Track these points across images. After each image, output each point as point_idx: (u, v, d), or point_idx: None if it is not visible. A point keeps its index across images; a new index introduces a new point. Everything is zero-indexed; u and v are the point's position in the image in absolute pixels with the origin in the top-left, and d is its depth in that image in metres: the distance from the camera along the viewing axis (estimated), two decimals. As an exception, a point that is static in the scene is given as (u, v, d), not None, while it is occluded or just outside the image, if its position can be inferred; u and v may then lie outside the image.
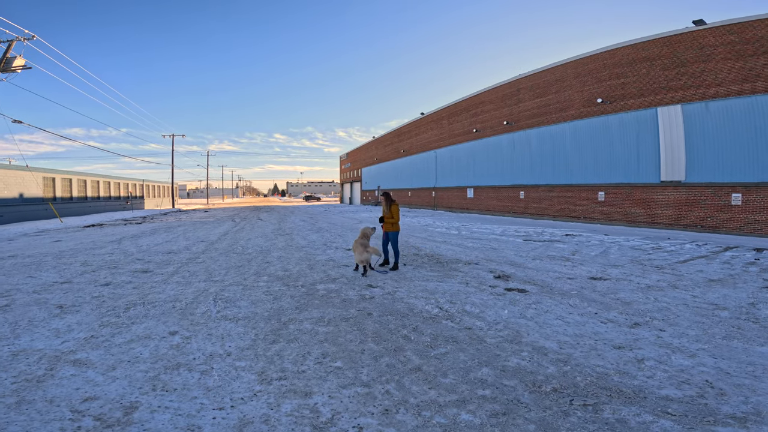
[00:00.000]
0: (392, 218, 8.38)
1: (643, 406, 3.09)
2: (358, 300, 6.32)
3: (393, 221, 8.40)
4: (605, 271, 8.50)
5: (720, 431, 2.75)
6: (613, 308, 5.82)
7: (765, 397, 3.19)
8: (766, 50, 14.55)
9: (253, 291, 6.92)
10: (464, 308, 5.81)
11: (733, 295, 6.48)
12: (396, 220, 8.41)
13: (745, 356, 4.04)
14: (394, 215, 8.38)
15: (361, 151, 61.73)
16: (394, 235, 8.47)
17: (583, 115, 21.47)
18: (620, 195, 19.53)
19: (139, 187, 47.25)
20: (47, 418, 3.02)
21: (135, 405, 3.20)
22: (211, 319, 5.36)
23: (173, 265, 9.47)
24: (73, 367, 3.91)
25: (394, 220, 8.40)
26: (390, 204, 8.42)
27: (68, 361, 4.05)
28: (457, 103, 34.01)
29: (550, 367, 3.85)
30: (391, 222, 8.40)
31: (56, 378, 3.66)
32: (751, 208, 14.95)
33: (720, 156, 15.80)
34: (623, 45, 19.43)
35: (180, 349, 4.36)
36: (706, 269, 8.68)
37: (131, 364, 3.96)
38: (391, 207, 8.38)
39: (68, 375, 3.73)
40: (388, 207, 8.39)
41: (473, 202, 31.20)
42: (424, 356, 4.13)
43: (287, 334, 4.81)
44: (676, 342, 4.46)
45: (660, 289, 6.92)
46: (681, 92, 17.06)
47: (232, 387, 3.50)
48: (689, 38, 16.76)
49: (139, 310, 5.83)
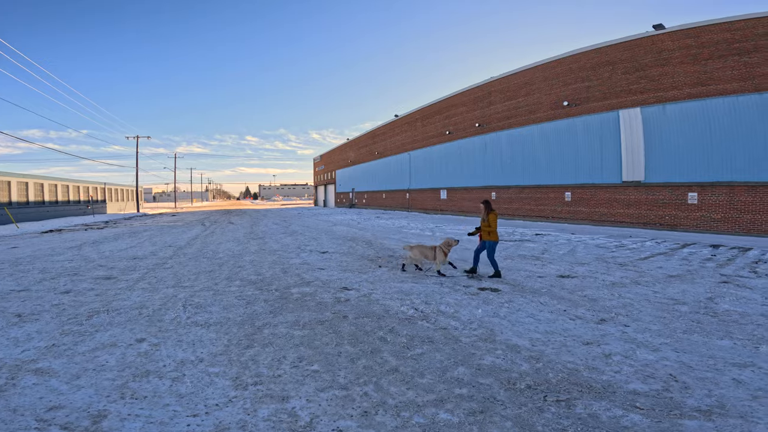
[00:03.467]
0: (489, 227, 7.91)
1: (612, 401, 3.21)
2: (334, 303, 6.27)
3: (490, 230, 7.92)
4: (573, 269, 8.79)
5: (687, 424, 2.87)
6: (581, 305, 6.02)
7: (727, 390, 3.36)
8: (721, 54, 15.36)
9: (225, 296, 6.75)
10: (439, 308, 5.87)
11: (692, 290, 6.83)
12: (493, 228, 7.93)
13: (705, 350, 4.27)
14: (491, 224, 7.91)
15: (336, 153, 61.41)
16: (492, 245, 7.97)
17: (551, 117, 22.16)
18: (586, 195, 20.26)
19: (101, 191, 45.22)
20: (12, 427, 2.89)
21: (103, 413, 3.09)
22: (181, 326, 5.19)
23: (139, 271, 9.11)
24: (35, 376, 3.73)
25: (491, 229, 7.92)
26: (489, 212, 7.96)
27: (30, 370, 3.86)
28: (430, 105, 34.40)
29: (524, 364, 3.95)
30: (488, 231, 7.95)
31: (18, 387, 3.51)
32: (706, 207, 15.84)
33: (677, 157, 16.66)
34: (588, 49, 20.18)
35: (149, 356, 4.21)
36: (666, 265, 9.12)
37: (97, 373, 3.82)
38: (489, 215, 7.92)
39: (30, 384, 3.57)
40: (486, 215, 7.94)
41: (447, 204, 31.61)
42: (401, 357, 4.14)
43: (262, 338, 4.71)
44: (640, 337, 4.66)
45: (623, 286, 7.22)
46: (640, 95, 17.88)
47: (206, 393, 3.41)
48: (649, 42, 17.59)
49: (103, 317, 5.58)
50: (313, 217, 32.32)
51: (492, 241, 7.95)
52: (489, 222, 7.92)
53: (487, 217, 7.95)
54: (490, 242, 7.95)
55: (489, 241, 7.96)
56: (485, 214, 7.98)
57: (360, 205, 50.28)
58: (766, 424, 2.84)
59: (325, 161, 66.53)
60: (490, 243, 7.96)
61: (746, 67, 14.65)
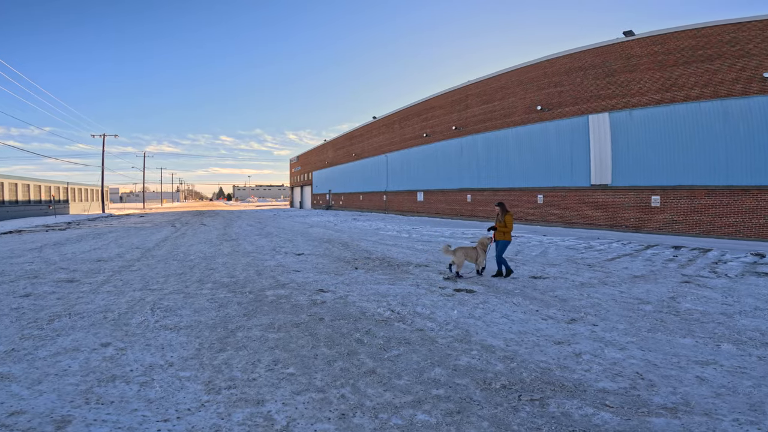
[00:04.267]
0: (505, 227, 8.23)
1: (583, 399, 3.30)
2: (309, 305, 6.20)
3: (506, 230, 8.24)
4: (544, 270, 9.02)
5: (654, 422, 2.96)
6: (552, 305, 6.18)
7: (691, 388, 3.49)
8: (685, 60, 16.02)
9: (196, 299, 6.57)
10: (415, 310, 5.90)
11: (655, 290, 7.13)
12: (509, 229, 8.27)
13: (669, 348, 4.45)
14: (507, 224, 8.24)
15: (313, 155, 60.87)
16: (504, 244, 8.31)
17: (525, 121, 22.68)
18: (557, 198, 20.84)
19: (64, 191, 43.17)
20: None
21: (67, 419, 2.97)
22: (149, 329, 5.01)
23: (103, 274, 8.75)
24: (-8, 384, 3.52)
25: (506, 229, 8.24)
26: (505, 213, 8.30)
27: (-15, 378, 3.64)
28: (408, 107, 34.59)
29: (499, 364, 4.01)
30: (504, 231, 8.26)
31: (-30, 398, 3.28)
32: (668, 209, 16.57)
33: (642, 161, 17.36)
34: (562, 54, 20.76)
35: (114, 360, 4.05)
36: (631, 266, 9.48)
37: (59, 378, 3.66)
38: (505, 216, 8.26)
39: (-15, 393, 3.35)
40: (503, 216, 8.26)
41: (423, 206, 31.84)
42: (378, 359, 4.13)
43: (235, 342, 4.61)
44: (608, 336, 4.82)
45: (592, 286, 7.46)
46: (609, 101, 18.54)
47: (177, 398, 3.31)
48: (618, 49, 18.23)
49: (65, 321, 5.32)
50: (289, 218, 31.92)
51: (505, 240, 8.32)
52: (505, 222, 8.27)
53: (503, 219, 8.29)
54: (504, 241, 8.32)
55: (502, 241, 8.32)
56: (501, 215, 8.34)
57: (337, 207, 50.01)
58: (731, 421, 2.95)
59: (302, 162, 65.86)
60: (503, 242, 8.32)
61: (709, 74, 15.35)
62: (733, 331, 4.96)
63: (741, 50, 14.56)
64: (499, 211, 8.35)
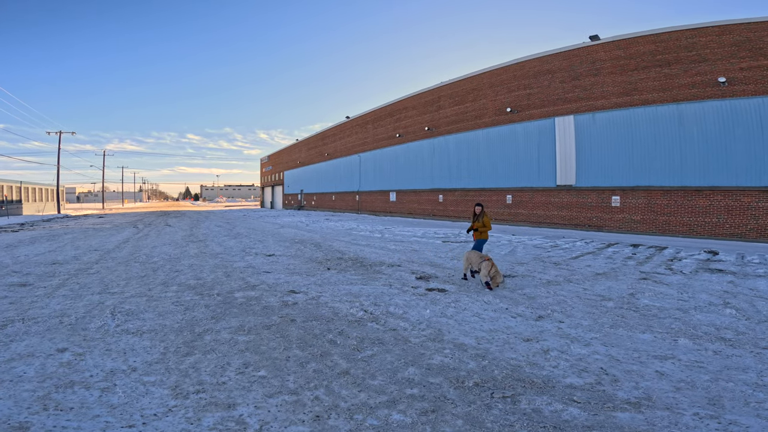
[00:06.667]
0: (483, 227, 8.62)
1: (552, 395, 3.39)
2: (281, 306, 6.09)
3: (484, 230, 8.65)
4: (513, 269, 9.25)
5: (619, 416, 3.07)
6: (521, 303, 6.34)
7: (652, 382, 3.64)
8: (645, 65, 16.77)
9: (161, 302, 6.32)
10: (388, 310, 5.91)
11: (616, 287, 7.44)
12: (488, 228, 8.69)
13: (630, 343, 4.64)
14: (486, 224, 8.64)
15: (284, 154, 59.88)
16: (482, 242, 8.68)
17: (495, 123, 23.19)
18: (525, 198, 21.43)
19: (16, 190, 40.56)
20: None
21: (25, 426, 2.83)
22: (109, 334, 4.78)
23: (59, 277, 8.28)
24: (-66, 397, 3.27)
25: (485, 229, 8.65)
26: (483, 215, 8.68)
27: (-73, 390, 3.38)
28: (381, 107, 34.61)
29: (471, 362, 4.07)
30: (482, 231, 8.66)
31: None
32: (628, 209, 17.37)
33: (603, 162, 18.11)
34: (531, 58, 21.33)
35: (72, 366, 3.85)
36: (594, 264, 9.87)
37: (14, 384, 3.47)
38: (483, 218, 8.63)
39: (-70, 405, 3.11)
40: (481, 217, 8.63)
41: (396, 206, 31.97)
42: (352, 359, 4.11)
43: (202, 345, 4.46)
44: (573, 332, 4.99)
45: (558, 284, 7.71)
46: (574, 104, 19.22)
47: (142, 403, 3.18)
48: (584, 53, 18.92)
49: (18, 326, 5.01)
50: (260, 219, 31.29)
51: (483, 239, 8.72)
52: (484, 223, 8.64)
53: (482, 219, 8.67)
54: (481, 240, 8.71)
55: (480, 240, 8.71)
56: (481, 216, 8.71)
57: (309, 207, 49.45)
58: (691, 415, 3.07)
59: (273, 162, 64.68)
60: (480, 241, 8.71)
61: (666, 78, 16.16)
62: (689, 326, 5.22)
63: (697, 55, 15.36)
64: (480, 212, 8.76)
